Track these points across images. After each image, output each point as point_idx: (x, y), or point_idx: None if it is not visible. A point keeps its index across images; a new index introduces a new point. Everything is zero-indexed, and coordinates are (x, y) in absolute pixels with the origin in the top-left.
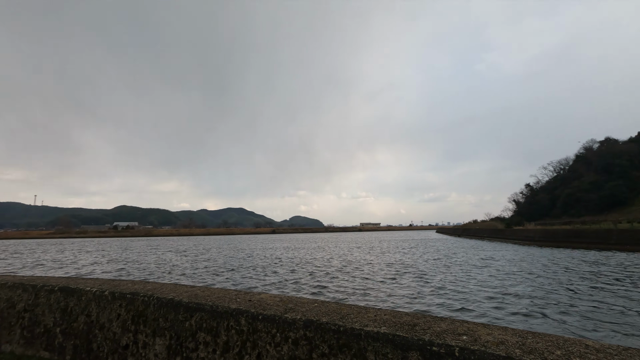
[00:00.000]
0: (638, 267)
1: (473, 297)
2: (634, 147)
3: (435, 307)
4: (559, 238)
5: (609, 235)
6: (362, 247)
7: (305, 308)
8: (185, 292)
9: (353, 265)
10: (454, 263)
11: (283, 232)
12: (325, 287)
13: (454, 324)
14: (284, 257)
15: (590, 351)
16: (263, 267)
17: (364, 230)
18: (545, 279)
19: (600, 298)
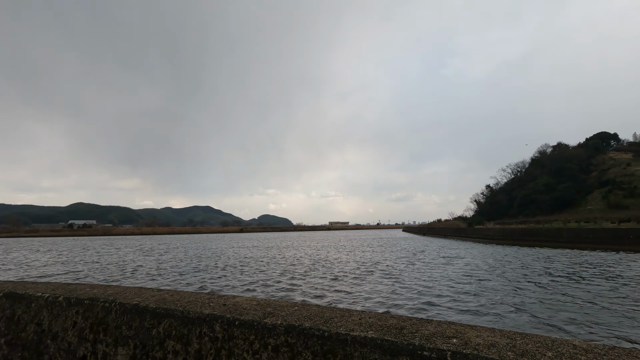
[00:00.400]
0: (585, 264)
1: (442, 292)
2: (582, 152)
3: (410, 305)
4: (516, 237)
5: (560, 234)
6: (332, 245)
7: (285, 312)
8: (152, 296)
9: (325, 263)
10: (420, 260)
11: (251, 231)
12: (300, 287)
13: (442, 326)
14: (255, 256)
15: (579, 352)
16: (234, 267)
17: (333, 229)
18: (505, 276)
19: (558, 292)
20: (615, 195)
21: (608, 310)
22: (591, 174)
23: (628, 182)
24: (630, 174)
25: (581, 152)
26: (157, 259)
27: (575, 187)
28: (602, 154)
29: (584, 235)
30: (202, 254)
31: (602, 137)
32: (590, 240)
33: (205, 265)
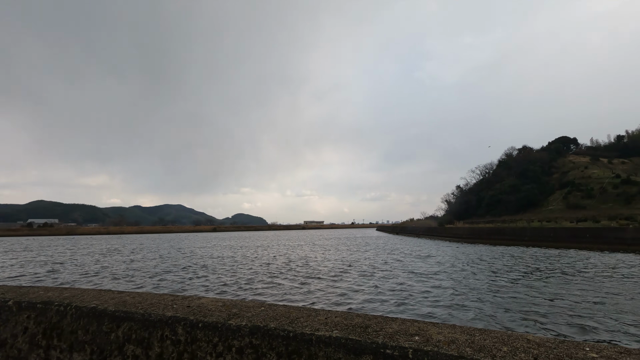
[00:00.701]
0: (546, 260)
1: (413, 290)
2: (545, 155)
3: (380, 304)
4: (484, 235)
5: (524, 233)
6: (307, 244)
7: (251, 313)
8: (112, 299)
9: (300, 263)
10: (393, 259)
11: (225, 230)
12: (273, 287)
13: (405, 324)
14: (228, 256)
15: (532, 345)
16: (206, 268)
17: (307, 228)
18: (473, 273)
19: (519, 289)
20: (574, 196)
21: (563, 306)
22: (553, 176)
23: (586, 184)
24: (588, 177)
25: (544, 155)
26: (124, 259)
27: (539, 188)
28: (563, 157)
29: (545, 234)
30: (173, 254)
31: (563, 141)
32: (551, 238)
33: (175, 266)
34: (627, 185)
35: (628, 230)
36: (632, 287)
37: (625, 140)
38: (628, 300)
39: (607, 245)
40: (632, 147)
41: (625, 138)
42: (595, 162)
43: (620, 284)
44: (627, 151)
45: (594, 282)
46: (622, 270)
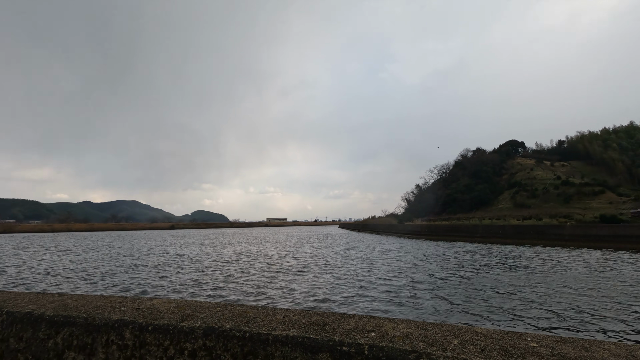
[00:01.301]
0: (495, 256)
1: (373, 285)
2: (496, 157)
3: (340, 298)
4: (440, 232)
5: (476, 229)
6: (269, 242)
7: (206, 313)
8: (51, 302)
9: (263, 260)
10: (354, 255)
11: (184, 228)
12: (233, 286)
13: (362, 321)
14: (187, 254)
15: (480, 337)
16: (161, 267)
17: (270, 225)
18: (427, 268)
19: (470, 283)
20: (520, 195)
21: (507, 298)
22: (503, 177)
23: (531, 184)
24: (533, 178)
25: (495, 157)
26: (71, 259)
27: (490, 188)
28: (512, 159)
29: (495, 231)
30: (127, 252)
31: (512, 144)
32: (500, 235)
33: (129, 266)
34: (566, 186)
35: (566, 228)
36: (566, 278)
37: (565, 145)
38: (564, 290)
39: (548, 241)
40: (571, 151)
41: (565, 143)
42: (539, 165)
43: (557, 276)
44: (566, 155)
45: (535, 275)
46: (559, 263)
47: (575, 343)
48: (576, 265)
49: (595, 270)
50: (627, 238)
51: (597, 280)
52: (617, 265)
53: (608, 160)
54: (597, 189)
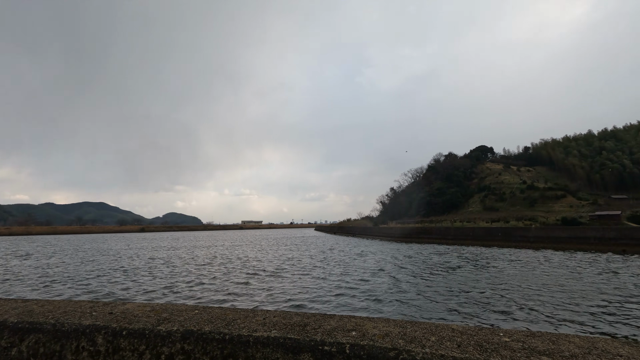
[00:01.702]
0: (465, 256)
1: (349, 286)
2: (467, 161)
3: (319, 299)
4: (414, 234)
5: (448, 232)
6: (245, 244)
7: (183, 317)
8: (15, 308)
9: (236, 263)
10: (331, 257)
11: (155, 231)
12: (209, 289)
13: (343, 320)
14: (159, 257)
15: (456, 334)
16: (133, 272)
17: (245, 228)
18: (402, 268)
19: (443, 282)
20: (489, 199)
21: (478, 296)
22: (473, 181)
23: (499, 188)
24: (501, 182)
25: (466, 162)
26: (33, 263)
27: (461, 191)
28: (482, 164)
29: (465, 233)
30: (95, 256)
31: (482, 149)
32: (470, 237)
33: (98, 270)
34: (531, 190)
35: (531, 230)
36: (531, 277)
37: (530, 151)
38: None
39: (515, 243)
40: (536, 157)
41: (530, 149)
42: (507, 170)
43: (523, 275)
44: (531, 160)
45: (502, 274)
46: (525, 264)
47: (544, 337)
48: (540, 265)
49: (557, 269)
50: (585, 239)
51: (559, 279)
52: (576, 265)
53: (569, 166)
54: (559, 193)
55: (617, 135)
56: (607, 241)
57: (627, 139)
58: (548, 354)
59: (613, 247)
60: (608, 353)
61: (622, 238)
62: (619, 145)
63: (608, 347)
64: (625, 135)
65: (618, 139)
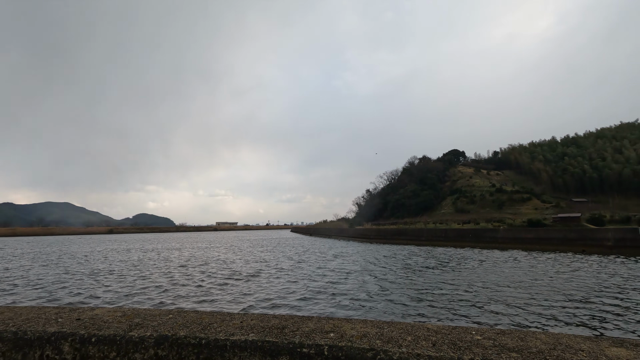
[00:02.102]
0: (437, 257)
1: (326, 287)
2: (440, 165)
3: (296, 301)
4: (388, 236)
5: (421, 233)
6: (220, 246)
7: (157, 321)
8: None
9: (211, 265)
10: (307, 258)
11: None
12: (182, 294)
13: (321, 322)
14: (129, 260)
15: (431, 333)
16: (101, 276)
17: (220, 229)
18: (375, 267)
19: (418, 282)
20: (461, 201)
21: (451, 294)
22: (446, 184)
23: (470, 191)
24: (472, 185)
25: (439, 165)
26: None
27: (434, 194)
28: (454, 167)
29: (438, 234)
30: (59, 260)
31: (454, 153)
32: (443, 238)
33: (62, 274)
34: (500, 193)
35: (499, 231)
36: (501, 277)
37: (499, 155)
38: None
39: (485, 244)
40: (504, 162)
41: (499, 154)
42: (477, 173)
43: (492, 275)
44: (500, 164)
45: (473, 274)
46: (494, 264)
47: (513, 334)
48: (508, 265)
49: (523, 269)
50: (549, 240)
51: (525, 278)
52: (541, 264)
53: (534, 171)
54: (525, 196)
55: (578, 142)
56: (568, 242)
57: (586, 145)
58: (517, 350)
59: (574, 247)
60: (571, 348)
61: (581, 239)
62: (579, 151)
63: (571, 343)
64: (585, 142)
65: (579, 145)
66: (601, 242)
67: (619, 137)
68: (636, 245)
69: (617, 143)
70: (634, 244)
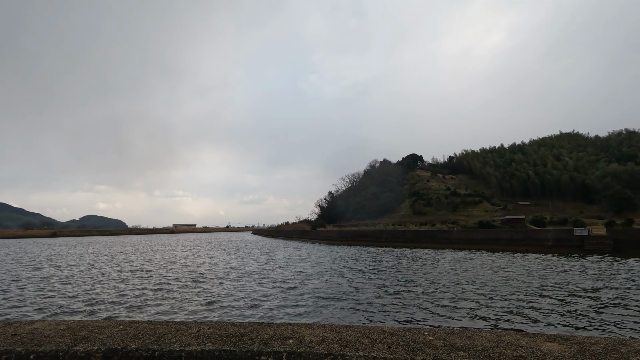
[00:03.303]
0: (396, 257)
1: (286, 291)
2: (400, 168)
3: (257, 306)
4: (350, 238)
5: (381, 235)
6: (176, 250)
7: (105, 334)
8: None
9: (168, 270)
10: (269, 262)
11: (69, 235)
12: (133, 304)
13: (280, 328)
14: (73, 265)
15: (387, 336)
16: (39, 285)
17: (177, 232)
18: (339, 272)
19: (376, 283)
20: (418, 204)
21: (409, 295)
22: (405, 187)
23: (427, 194)
24: (429, 188)
25: (399, 169)
26: None
27: (394, 196)
28: (412, 171)
29: (397, 235)
30: None
31: (413, 157)
32: (401, 239)
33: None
34: (454, 196)
35: (453, 232)
36: (454, 276)
37: (454, 160)
38: (451, 286)
39: (440, 245)
40: (459, 166)
41: (454, 159)
42: (434, 177)
43: (446, 274)
44: (455, 169)
45: (428, 274)
46: (449, 263)
47: (462, 333)
48: (460, 265)
49: (474, 268)
50: (497, 241)
51: (475, 277)
52: (489, 264)
53: (485, 175)
54: (477, 199)
55: (524, 149)
56: (514, 242)
57: (531, 152)
58: (465, 349)
59: (519, 247)
60: (512, 345)
61: (525, 239)
62: (525, 157)
63: (512, 340)
64: (530, 150)
65: (524, 152)
66: (542, 242)
67: (558, 146)
68: (571, 244)
69: (556, 151)
70: (570, 243)
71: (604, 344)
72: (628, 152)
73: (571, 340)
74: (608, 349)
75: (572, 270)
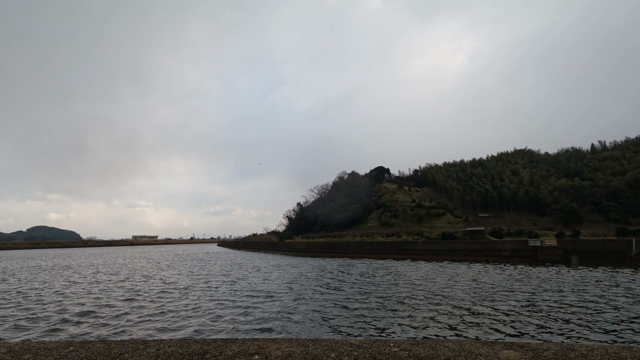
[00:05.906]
0: (362, 269)
1: (253, 305)
2: (367, 180)
3: (221, 321)
4: (318, 249)
5: (349, 246)
6: (138, 263)
7: (53, 356)
8: None
9: (124, 285)
10: (233, 275)
11: (14, 248)
12: (86, 322)
13: (245, 344)
14: (14, 281)
15: (353, 348)
16: None
17: (137, 244)
18: (307, 284)
19: (344, 294)
20: (385, 215)
21: (374, 308)
22: (372, 199)
23: (394, 206)
24: (395, 200)
25: (367, 181)
26: None
27: (362, 208)
28: (380, 183)
29: (364, 247)
30: None
31: (380, 170)
32: (368, 251)
33: None
34: (419, 208)
35: (418, 244)
36: (417, 287)
37: (419, 173)
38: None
39: (406, 255)
40: (423, 179)
41: (419, 172)
42: (400, 189)
43: (408, 285)
44: (420, 182)
45: (393, 285)
46: (413, 273)
47: (425, 344)
48: (424, 275)
49: (437, 278)
50: (459, 252)
51: (439, 288)
52: (453, 273)
53: (448, 188)
54: (440, 211)
55: (483, 164)
56: (475, 252)
57: (489, 167)
58: (429, 359)
59: (479, 257)
60: (472, 353)
61: (485, 250)
62: (484, 172)
63: (472, 348)
64: (489, 165)
65: (484, 166)
66: (500, 253)
67: (514, 162)
68: (526, 255)
69: (512, 166)
70: (525, 253)
71: (555, 349)
72: (575, 168)
73: (526, 347)
74: (558, 354)
75: (528, 279)
